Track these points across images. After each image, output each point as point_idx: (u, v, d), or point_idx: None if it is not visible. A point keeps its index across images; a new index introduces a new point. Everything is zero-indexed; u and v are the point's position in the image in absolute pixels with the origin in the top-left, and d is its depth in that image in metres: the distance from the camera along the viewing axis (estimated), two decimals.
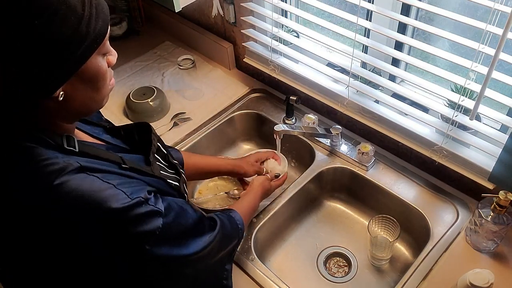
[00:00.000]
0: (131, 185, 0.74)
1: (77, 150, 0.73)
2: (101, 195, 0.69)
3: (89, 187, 0.69)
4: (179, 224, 0.80)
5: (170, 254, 0.77)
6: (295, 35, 1.48)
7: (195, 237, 0.84)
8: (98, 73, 0.71)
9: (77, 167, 0.69)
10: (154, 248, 0.74)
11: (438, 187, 1.26)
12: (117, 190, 0.70)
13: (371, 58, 1.26)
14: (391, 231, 1.21)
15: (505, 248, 1.11)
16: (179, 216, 0.81)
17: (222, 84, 1.66)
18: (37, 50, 0.61)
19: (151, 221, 0.73)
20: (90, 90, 0.72)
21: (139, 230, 0.72)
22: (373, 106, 1.30)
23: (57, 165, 0.68)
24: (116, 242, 0.72)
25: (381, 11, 1.13)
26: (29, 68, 0.62)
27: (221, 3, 1.53)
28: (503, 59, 0.96)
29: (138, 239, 0.72)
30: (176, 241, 0.79)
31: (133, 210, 0.71)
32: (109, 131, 0.91)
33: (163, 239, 0.75)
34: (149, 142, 0.92)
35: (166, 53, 1.81)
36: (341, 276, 1.25)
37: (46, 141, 0.70)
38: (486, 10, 0.97)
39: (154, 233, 0.73)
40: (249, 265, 1.13)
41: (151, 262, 0.76)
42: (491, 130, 1.11)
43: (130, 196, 0.71)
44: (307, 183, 1.32)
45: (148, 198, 0.74)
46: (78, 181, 0.68)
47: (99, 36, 0.67)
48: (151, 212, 0.73)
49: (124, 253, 0.73)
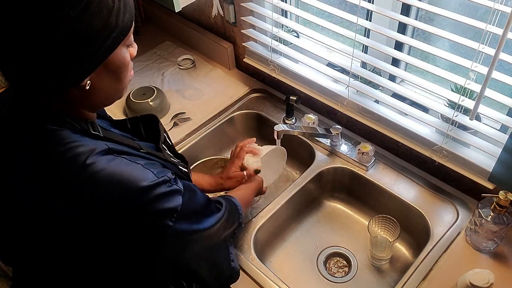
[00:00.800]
0: (155, 165, 0.78)
1: (101, 135, 0.77)
2: (131, 174, 0.73)
3: (119, 167, 0.73)
4: (194, 203, 0.85)
5: (190, 229, 0.82)
6: (295, 35, 1.48)
7: (207, 214, 0.89)
8: (122, 64, 0.74)
9: (105, 149, 0.74)
10: (177, 223, 0.77)
11: (438, 187, 1.26)
12: (144, 169, 0.75)
13: (371, 58, 1.26)
14: (391, 231, 1.21)
15: (505, 248, 1.11)
16: (193, 196, 0.85)
17: (222, 84, 1.66)
18: (71, 39, 0.64)
19: (174, 199, 0.77)
20: (114, 80, 0.75)
21: (164, 206, 0.75)
22: (373, 106, 1.30)
23: (87, 146, 0.72)
24: (142, 219, 0.74)
25: (381, 11, 1.13)
26: (62, 57, 0.65)
27: (221, 3, 1.53)
28: (503, 59, 0.96)
29: (162, 215, 0.76)
30: (193, 218, 0.83)
31: (159, 188, 0.75)
32: (116, 125, 0.94)
33: (183, 216, 0.79)
34: (157, 132, 0.96)
35: (166, 53, 1.81)
36: (341, 276, 1.25)
37: (73, 125, 0.74)
38: (486, 10, 0.97)
39: (176, 210, 0.77)
40: (249, 265, 1.13)
41: (173, 238, 0.79)
42: (491, 130, 1.11)
43: (157, 175, 0.75)
44: (307, 183, 1.32)
45: (172, 178, 0.78)
46: (108, 161, 0.73)
47: (125, 28, 0.71)
48: (174, 190, 0.78)
49: (149, 230, 0.76)
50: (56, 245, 0.78)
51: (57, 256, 0.80)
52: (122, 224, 0.74)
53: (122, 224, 0.74)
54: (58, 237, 0.76)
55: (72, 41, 0.64)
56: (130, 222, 0.74)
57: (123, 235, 0.75)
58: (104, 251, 0.77)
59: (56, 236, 0.76)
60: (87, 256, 0.78)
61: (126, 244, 0.76)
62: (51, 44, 0.63)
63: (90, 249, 0.77)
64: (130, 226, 0.74)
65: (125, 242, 0.76)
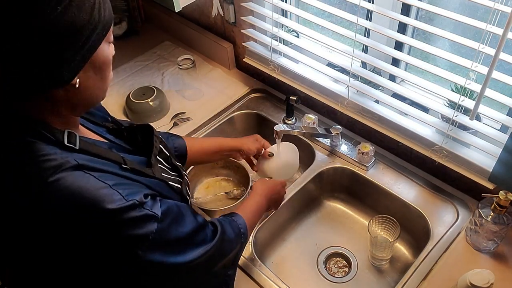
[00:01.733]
0: (127, 186, 0.72)
1: (77, 147, 0.72)
2: (95, 194, 0.68)
3: (84, 185, 0.68)
4: (176, 230, 0.77)
5: (164, 261, 0.75)
6: (295, 35, 1.48)
7: (193, 244, 0.81)
8: (106, 60, 0.73)
9: (74, 165, 0.68)
10: (147, 253, 0.72)
11: (438, 187, 1.26)
12: (112, 190, 0.69)
13: (371, 58, 1.26)
14: (391, 231, 1.21)
15: (505, 248, 1.11)
16: (177, 221, 0.78)
17: (222, 84, 1.66)
18: (56, 36, 0.63)
19: (145, 225, 0.71)
20: (99, 79, 0.73)
21: (131, 233, 0.70)
22: (373, 106, 1.30)
23: (54, 161, 0.68)
24: (108, 244, 0.70)
25: (381, 11, 1.13)
26: (50, 56, 0.64)
27: (221, 3, 1.53)
28: (503, 59, 0.96)
29: (130, 243, 0.70)
30: (172, 248, 0.76)
31: (127, 212, 0.69)
32: (112, 132, 0.91)
33: (157, 245, 0.73)
34: (151, 144, 0.91)
35: (166, 53, 1.81)
36: (341, 276, 1.25)
37: (46, 137, 0.70)
38: (486, 10, 0.97)
39: (147, 237, 0.71)
40: (249, 265, 1.13)
41: (144, 268, 0.74)
42: (491, 130, 1.11)
43: (126, 198, 0.69)
44: (307, 183, 1.32)
45: (143, 202, 0.72)
46: (74, 178, 0.68)
47: (107, 23, 0.70)
48: (145, 216, 0.71)
49: (116, 257, 0.72)
50: (33, 257, 0.75)
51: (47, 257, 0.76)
52: (86, 247, 0.70)
53: (86, 247, 0.70)
54: (33, 250, 0.73)
55: (60, 37, 0.63)
56: (95, 245, 0.70)
57: (89, 258, 0.72)
58: (80, 270, 0.74)
59: (32, 249, 0.73)
60: (59, 272, 0.75)
61: (96, 267, 0.73)
62: (41, 43, 0.62)
63: (65, 266, 0.74)
64: (95, 249, 0.70)
65: (94, 265, 0.73)
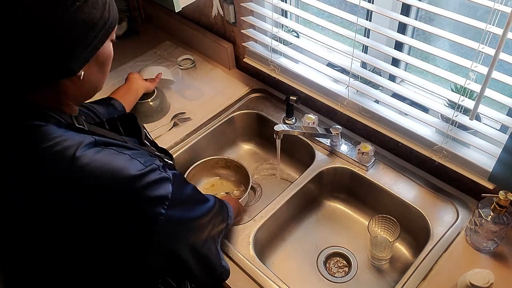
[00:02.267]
0: (142, 155, 0.79)
1: (86, 128, 0.78)
2: (120, 164, 0.74)
3: (107, 158, 0.74)
4: (183, 191, 0.85)
5: (182, 216, 0.82)
6: (295, 35, 1.48)
7: (197, 203, 0.90)
8: (109, 56, 0.78)
9: (92, 141, 0.75)
10: (169, 211, 0.78)
11: (438, 187, 1.26)
12: (132, 159, 0.76)
13: (371, 58, 1.26)
14: (391, 231, 1.21)
15: (505, 248, 1.11)
16: (182, 184, 0.85)
17: (222, 84, 1.66)
18: (74, 29, 0.67)
19: (164, 186, 0.78)
20: (99, 73, 0.78)
21: (155, 194, 0.76)
22: (373, 106, 1.30)
23: (74, 140, 0.73)
24: (135, 208, 0.75)
25: (381, 11, 1.13)
26: (63, 48, 0.67)
27: (221, 3, 1.53)
28: (503, 59, 0.96)
29: (155, 202, 0.76)
30: (185, 205, 0.84)
31: (149, 175, 0.75)
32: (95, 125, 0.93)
33: (176, 203, 0.79)
34: (137, 129, 0.96)
35: (166, 53, 1.81)
36: (341, 276, 1.25)
37: (58, 120, 0.74)
38: (486, 10, 0.97)
39: (167, 197, 0.77)
40: (249, 265, 1.13)
41: (165, 225, 0.78)
42: (491, 130, 1.11)
43: (145, 164, 0.76)
44: (307, 183, 1.32)
45: (159, 165, 0.79)
46: (96, 153, 0.73)
47: (114, 20, 0.75)
48: (163, 178, 0.78)
49: (143, 219, 0.76)
50: (52, 241, 0.78)
51: (53, 253, 0.80)
52: (115, 214, 0.74)
53: (115, 214, 0.74)
54: (53, 233, 0.76)
55: (75, 30, 0.67)
56: (123, 211, 0.74)
57: (116, 225, 0.75)
58: (100, 243, 0.77)
59: (52, 232, 0.76)
60: (83, 250, 0.78)
61: (120, 234, 0.76)
62: (59, 33, 0.65)
63: (85, 243, 0.77)
64: (123, 215, 0.75)
65: (119, 232, 0.76)
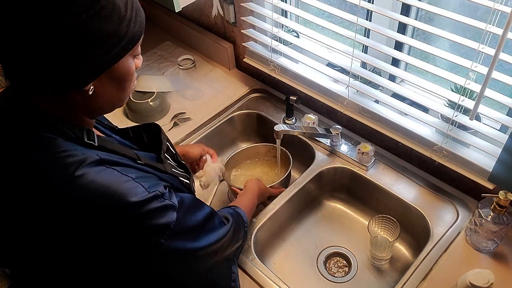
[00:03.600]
0: (148, 179, 0.76)
1: (96, 144, 0.75)
2: (120, 188, 0.70)
3: (108, 179, 0.70)
4: (190, 219, 0.81)
5: (185, 247, 0.78)
6: (295, 35, 1.48)
7: (207, 230, 0.85)
8: (127, 73, 0.74)
9: (96, 160, 0.71)
10: (169, 241, 0.75)
11: (438, 187, 1.26)
12: (135, 183, 0.72)
13: (371, 58, 1.26)
14: (391, 231, 1.21)
15: (505, 248, 1.11)
16: (191, 210, 0.82)
17: (222, 84, 1.66)
18: (79, 42, 0.64)
19: (167, 214, 0.75)
20: (116, 89, 0.74)
21: (156, 223, 0.73)
22: (373, 106, 1.30)
23: (77, 156, 0.70)
24: (134, 235, 0.72)
25: (381, 11, 1.13)
26: (67, 58, 0.64)
27: (221, 3, 1.53)
28: (503, 59, 0.96)
29: (154, 232, 0.73)
30: (189, 235, 0.80)
31: (151, 203, 0.72)
32: (118, 132, 0.93)
33: (178, 233, 0.77)
34: (159, 141, 0.94)
35: (166, 53, 1.81)
36: (341, 276, 1.25)
37: (66, 133, 0.72)
38: (486, 10, 0.97)
39: (169, 226, 0.75)
40: (249, 265, 1.13)
41: (166, 256, 0.77)
42: (491, 130, 1.11)
43: (148, 190, 0.73)
44: (307, 183, 1.32)
45: (164, 193, 0.75)
46: (97, 173, 0.70)
47: (135, 38, 0.71)
48: (167, 206, 0.75)
49: (141, 247, 0.74)
50: (49, 253, 0.76)
51: (50, 263, 0.78)
52: (111, 240, 0.72)
53: (111, 240, 0.72)
54: (50, 246, 0.74)
55: (81, 43, 0.64)
56: (120, 236, 0.72)
57: (113, 250, 0.73)
58: (97, 264, 0.75)
59: (49, 245, 0.74)
60: (81, 266, 0.76)
61: (118, 260, 0.74)
62: (62, 44, 0.63)
63: (83, 260, 0.75)
64: (121, 240, 0.72)
65: (117, 257, 0.74)
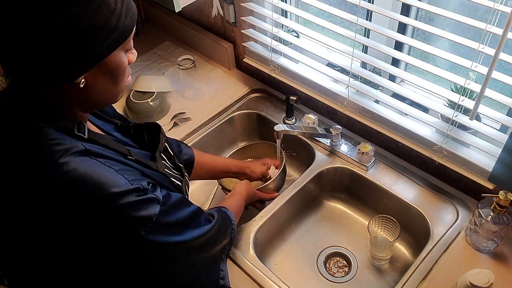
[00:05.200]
0: (132, 173, 0.76)
1: (86, 136, 0.76)
2: (102, 178, 0.71)
3: (91, 169, 0.71)
4: (175, 214, 0.81)
5: (167, 240, 0.78)
6: (295, 35, 1.48)
7: (192, 226, 0.85)
8: (119, 67, 0.74)
9: (81, 150, 0.72)
10: (150, 234, 0.75)
11: (438, 187, 1.26)
12: (118, 175, 0.72)
13: (371, 58, 1.26)
14: (391, 231, 1.21)
15: (505, 248, 1.11)
16: (177, 206, 0.82)
17: (222, 84, 1.66)
18: (69, 35, 0.65)
19: (149, 207, 0.75)
20: (109, 83, 0.75)
21: (136, 215, 0.73)
22: (373, 106, 1.30)
23: (63, 145, 0.71)
24: (113, 226, 0.72)
25: (381, 11, 1.13)
26: (57, 52, 0.65)
27: (221, 3, 1.53)
28: (503, 59, 0.96)
29: (134, 224, 0.73)
30: (172, 229, 0.80)
31: (132, 195, 0.72)
32: (120, 129, 0.94)
33: (159, 226, 0.76)
34: (157, 141, 0.94)
35: (166, 53, 1.81)
36: (341, 276, 1.25)
37: (57, 124, 0.73)
38: (486, 10, 0.97)
39: (151, 219, 0.74)
40: (249, 265, 1.13)
41: (146, 248, 0.76)
42: (491, 130, 1.11)
43: (131, 182, 0.73)
44: (307, 183, 1.32)
45: (146, 188, 0.76)
46: (81, 162, 0.71)
47: (125, 31, 0.71)
48: (149, 198, 0.75)
49: (120, 238, 0.74)
50: (33, 241, 0.76)
51: (34, 251, 0.78)
52: (93, 228, 0.72)
53: (93, 228, 0.72)
54: (34, 234, 0.75)
55: (71, 37, 0.65)
56: (101, 226, 0.72)
57: (95, 239, 0.73)
58: (79, 254, 0.75)
59: (33, 233, 0.75)
60: (65, 255, 0.76)
61: (99, 251, 0.74)
62: (51, 37, 0.64)
63: (67, 249, 0.75)
64: (102, 231, 0.72)
65: (98, 248, 0.74)
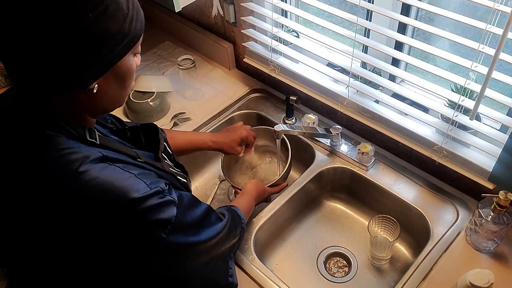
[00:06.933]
0: (149, 176, 0.77)
1: (98, 142, 0.76)
2: (123, 184, 0.72)
3: (111, 176, 0.72)
4: (190, 214, 0.83)
5: (185, 241, 0.80)
6: (295, 35, 1.48)
7: (206, 226, 0.87)
8: (129, 71, 0.75)
9: (99, 157, 0.72)
10: (170, 236, 0.76)
11: (438, 187, 1.26)
12: (137, 179, 0.74)
13: (371, 58, 1.26)
14: (391, 231, 1.21)
15: (505, 248, 1.11)
16: (190, 206, 0.84)
17: (222, 84, 1.66)
18: (86, 41, 0.65)
19: (167, 209, 0.76)
20: (119, 87, 0.76)
21: (156, 218, 0.74)
22: (373, 106, 1.30)
23: (80, 154, 0.71)
24: (134, 231, 0.73)
25: (381, 11, 1.13)
26: (73, 57, 0.65)
27: (221, 3, 1.53)
28: (503, 59, 0.96)
29: (155, 227, 0.74)
30: (190, 230, 0.82)
31: (152, 199, 0.74)
32: (116, 133, 0.93)
33: (178, 227, 0.78)
34: (157, 141, 0.95)
35: (166, 53, 1.81)
36: (341, 276, 1.25)
37: (69, 131, 0.73)
38: (486, 10, 0.97)
39: (170, 221, 0.76)
40: (249, 265, 1.13)
41: (167, 251, 0.77)
42: (491, 130, 1.11)
43: (150, 186, 0.74)
44: (307, 183, 1.32)
45: (164, 189, 0.77)
46: (101, 170, 0.71)
47: (136, 35, 0.72)
48: (168, 201, 0.76)
49: (142, 242, 0.75)
50: (50, 250, 0.77)
51: (51, 260, 0.79)
52: (114, 234, 0.73)
53: (114, 234, 0.73)
54: (51, 243, 0.75)
55: (87, 42, 0.65)
56: (122, 232, 0.73)
57: (115, 245, 0.74)
58: (99, 259, 0.76)
59: (50, 242, 0.75)
60: (82, 263, 0.77)
61: (119, 255, 0.75)
62: (68, 43, 0.64)
63: (84, 257, 0.76)
64: (122, 236, 0.73)
65: (118, 252, 0.75)
